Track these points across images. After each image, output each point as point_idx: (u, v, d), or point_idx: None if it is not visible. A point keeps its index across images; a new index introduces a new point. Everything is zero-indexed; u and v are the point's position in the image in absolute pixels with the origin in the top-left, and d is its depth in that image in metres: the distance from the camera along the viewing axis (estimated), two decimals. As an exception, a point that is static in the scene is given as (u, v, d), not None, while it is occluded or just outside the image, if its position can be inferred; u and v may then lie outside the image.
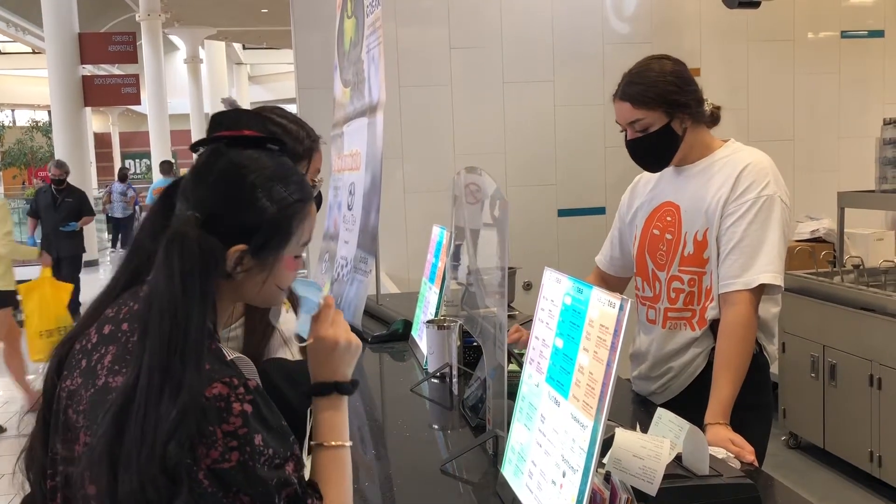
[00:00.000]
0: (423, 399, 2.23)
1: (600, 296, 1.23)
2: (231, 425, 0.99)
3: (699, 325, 1.98)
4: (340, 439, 1.19)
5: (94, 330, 1.13)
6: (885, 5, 5.41)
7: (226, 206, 1.08)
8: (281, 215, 1.11)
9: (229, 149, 1.11)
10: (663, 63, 1.99)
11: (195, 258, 1.04)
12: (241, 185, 1.09)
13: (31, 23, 17.83)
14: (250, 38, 23.45)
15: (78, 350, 1.13)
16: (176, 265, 1.03)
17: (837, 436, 3.96)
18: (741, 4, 4.50)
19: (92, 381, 1.07)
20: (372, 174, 3.14)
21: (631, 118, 1.97)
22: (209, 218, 1.07)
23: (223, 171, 1.10)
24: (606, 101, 2.10)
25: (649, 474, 1.25)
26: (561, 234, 5.01)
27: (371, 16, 3.27)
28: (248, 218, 1.09)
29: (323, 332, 1.20)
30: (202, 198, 1.08)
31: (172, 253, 1.04)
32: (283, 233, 1.12)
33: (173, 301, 1.02)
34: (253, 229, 1.09)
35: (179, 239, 1.05)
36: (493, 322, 1.72)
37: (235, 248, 1.08)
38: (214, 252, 1.06)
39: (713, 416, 1.79)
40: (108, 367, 1.07)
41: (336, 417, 1.20)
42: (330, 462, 1.17)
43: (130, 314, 1.11)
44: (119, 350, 1.08)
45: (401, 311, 3.01)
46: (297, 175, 1.15)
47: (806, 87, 5.31)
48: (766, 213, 1.89)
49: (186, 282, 1.03)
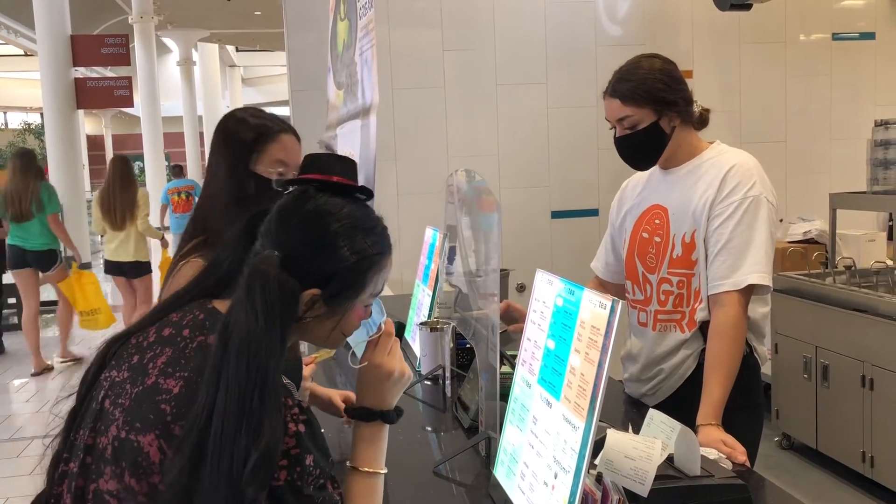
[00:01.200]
0: (415, 401, 2.23)
1: (591, 297, 1.24)
2: (285, 445, 1.01)
3: (689, 326, 1.99)
4: (377, 467, 1.20)
5: (154, 329, 1.13)
6: (877, 8, 5.43)
7: (306, 250, 1.09)
8: (358, 266, 1.12)
9: (318, 193, 1.12)
10: (653, 61, 2.01)
11: (276, 298, 1.04)
12: (324, 231, 1.10)
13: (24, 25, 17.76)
14: (243, 40, 23.43)
15: (133, 345, 1.13)
16: (259, 303, 1.03)
17: (830, 436, 3.97)
18: (733, 6, 4.53)
19: (141, 379, 1.07)
20: (365, 176, 3.14)
21: (620, 115, 1.98)
22: (287, 258, 1.07)
23: (308, 215, 1.10)
24: (599, 102, 2.11)
25: (641, 475, 1.26)
26: (554, 235, 5.02)
27: (364, 18, 3.27)
28: (327, 265, 1.10)
29: (380, 360, 1.20)
30: (283, 238, 1.09)
31: (255, 290, 1.04)
32: (358, 283, 1.13)
33: (255, 340, 1.01)
34: (329, 276, 1.10)
35: (262, 276, 1.05)
36: (485, 324, 1.72)
37: (310, 292, 1.08)
38: (294, 293, 1.06)
39: (705, 417, 1.80)
40: (160, 367, 1.07)
41: (376, 444, 1.21)
42: (365, 489, 1.18)
43: (194, 322, 1.11)
44: (175, 353, 1.07)
45: (394, 313, 3.00)
46: (381, 227, 1.17)
47: (798, 89, 5.33)
48: (752, 213, 1.90)
49: (268, 321, 1.03)
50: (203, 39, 22.33)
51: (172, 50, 25.13)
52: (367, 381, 1.21)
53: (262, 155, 1.67)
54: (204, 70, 24.56)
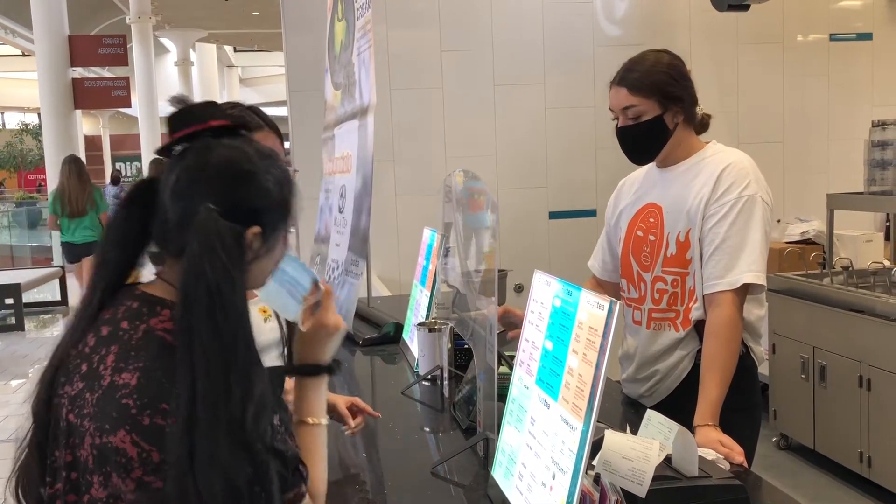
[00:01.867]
0: (414, 401, 2.23)
1: (589, 298, 1.24)
2: None
3: (683, 325, 1.99)
4: (322, 417, 1.25)
5: (91, 334, 1.12)
6: (874, 8, 5.44)
7: (235, 195, 1.09)
8: (282, 193, 1.14)
9: (214, 141, 1.12)
10: (662, 55, 2.02)
11: (232, 247, 1.05)
12: (243, 172, 1.10)
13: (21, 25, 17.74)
14: (241, 40, 23.43)
15: (75, 356, 1.12)
16: (223, 256, 1.03)
17: (827, 437, 3.98)
18: (731, 7, 4.53)
19: (97, 383, 1.06)
20: (363, 177, 3.14)
21: (625, 104, 1.99)
22: (223, 209, 1.07)
23: (221, 163, 1.10)
24: (598, 103, 2.11)
25: (639, 476, 1.26)
26: (552, 236, 5.02)
27: (362, 18, 3.27)
28: (258, 201, 1.11)
29: (328, 320, 1.25)
30: (206, 192, 1.08)
31: (215, 245, 1.04)
32: (286, 209, 1.16)
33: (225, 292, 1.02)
34: (262, 211, 1.11)
35: (214, 230, 1.05)
36: (483, 324, 1.72)
37: (252, 231, 1.09)
38: (242, 238, 1.08)
39: (702, 417, 1.80)
40: (112, 366, 1.06)
41: (320, 396, 1.26)
42: (314, 438, 1.23)
43: (129, 312, 1.11)
44: (122, 348, 1.07)
45: (392, 314, 3.01)
46: (277, 155, 1.18)
47: (795, 90, 5.34)
48: (747, 213, 1.90)
49: (233, 271, 1.04)
50: (201, 40, 22.32)
51: (170, 50, 25.10)
52: (313, 339, 1.26)
53: None
54: (202, 70, 24.55)
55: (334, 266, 3.38)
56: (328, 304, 1.25)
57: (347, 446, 1.97)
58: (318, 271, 3.68)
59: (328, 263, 3.51)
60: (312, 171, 4.40)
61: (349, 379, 2.64)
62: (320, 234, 3.87)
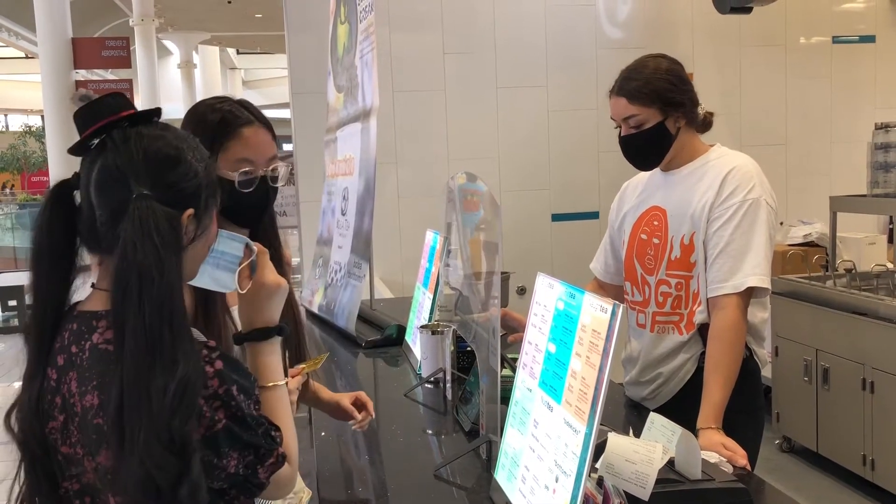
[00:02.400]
0: (416, 404, 2.23)
1: (592, 301, 1.24)
2: (209, 389, 1.04)
3: (687, 329, 1.99)
4: (280, 378, 1.25)
5: (51, 369, 1.13)
6: (876, 11, 5.44)
7: (169, 178, 1.09)
8: (208, 172, 1.15)
9: (132, 130, 1.11)
10: (660, 61, 2.01)
11: (166, 231, 1.05)
12: (171, 155, 1.11)
13: (24, 27, 17.78)
14: (244, 42, 23.47)
15: (47, 391, 1.13)
16: (156, 241, 1.03)
17: (830, 439, 3.97)
18: (733, 9, 4.52)
19: (72, 412, 1.08)
20: (366, 179, 3.14)
21: (626, 114, 1.99)
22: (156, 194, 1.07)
23: (151, 148, 1.10)
24: (600, 105, 2.12)
25: (642, 479, 1.26)
26: (555, 238, 5.02)
27: (364, 21, 3.27)
28: (187, 183, 1.11)
29: (267, 279, 1.25)
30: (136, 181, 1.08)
31: (150, 230, 1.04)
32: (212, 189, 1.16)
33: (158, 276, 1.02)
34: (195, 193, 1.12)
35: (148, 216, 1.05)
36: (487, 327, 1.72)
37: (186, 214, 1.10)
38: (179, 221, 1.08)
39: (705, 420, 1.80)
40: (76, 392, 1.08)
41: (276, 359, 1.26)
42: (277, 400, 1.23)
43: (73, 335, 1.11)
44: (79, 373, 1.08)
45: (395, 316, 3.01)
46: (194, 137, 1.18)
47: (798, 92, 5.33)
48: (751, 216, 1.90)
49: (169, 255, 1.04)
50: (204, 42, 22.36)
51: (173, 52, 25.15)
52: (256, 301, 1.25)
53: (225, 155, 1.49)
54: (204, 72, 24.59)
55: (337, 268, 3.38)
56: (263, 262, 1.25)
57: (350, 449, 1.97)
58: (321, 274, 3.68)
59: (330, 266, 3.51)
60: (315, 173, 4.40)
61: (352, 381, 2.64)
62: (323, 237, 3.87)
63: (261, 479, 1.11)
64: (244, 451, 1.08)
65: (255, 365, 1.24)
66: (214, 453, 1.05)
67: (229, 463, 1.07)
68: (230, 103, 1.56)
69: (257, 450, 1.09)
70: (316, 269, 3.85)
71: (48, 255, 1.14)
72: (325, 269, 3.60)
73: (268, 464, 1.11)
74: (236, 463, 1.07)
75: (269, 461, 1.11)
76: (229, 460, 1.06)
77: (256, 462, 1.10)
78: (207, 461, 1.04)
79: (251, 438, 1.08)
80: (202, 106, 1.57)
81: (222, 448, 1.05)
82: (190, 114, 1.57)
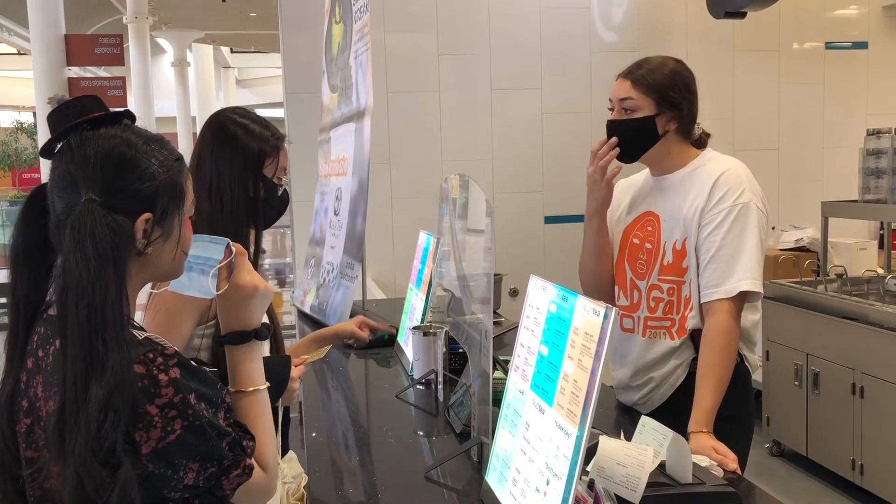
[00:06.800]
0: (408, 405, 2.22)
1: (585, 304, 1.24)
2: (164, 398, 1.01)
3: (678, 334, 1.99)
4: (261, 383, 1.23)
5: (22, 372, 1.12)
6: (869, 17, 5.46)
7: (120, 182, 1.08)
8: (170, 176, 1.13)
9: (92, 132, 1.10)
10: (671, 61, 2.05)
11: (106, 238, 1.04)
12: (126, 159, 1.09)
13: (17, 23, 17.70)
14: (238, 41, 23.40)
15: (17, 393, 1.13)
16: (89, 249, 1.02)
17: (820, 444, 3.98)
18: (727, 14, 4.54)
19: (38, 416, 1.08)
20: (359, 179, 3.14)
21: (624, 95, 2.00)
22: (105, 200, 1.07)
23: (104, 151, 1.09)
24: (594, 108, 2.12)
25: (632, 482, 1.26)
26: (548, 240, 5.03)
27: (359, 21, 3.27)
28: (144, 187, 1.10)
29: (242, 280, 1.23)
30: (87, 185, 1.07)
31: (84, 238, 1.03)
32: (177, 192, 1.15)
33: (89, 285, 1.01)
34: (151, 197, 1.10)
35: (87, 222, 1.04)
36: (478, 329, 1.72)
37: (142, 218, 1.09)
38: (123, 228, 1.07)
39: (696, 424, 1.80)
40: (42, 396, 1.07)
41: (255, 362, 1.24)
42: (255, 406, 1.21)
43: (40, 339, 1.11)
44: (44, 377, 1.08)
45: (387, 317, 3.01)
46: (164, 139, 1.17)
47: (791, 98, 5.35)
48: (742, 220, 1.91)
49: (100, 264, 1.03)
50: (198, 40, 22.29)
51: (167, 50, 25.06)
52: (232, 303, 1.23)
53: (273, 163, 1.80)
54: (198, 71, 24.50)
55: (329, 269, 3.37)
56: (241, 264, 1.23)
57: (341, 449, 1.96)
58: (313, 274, 3.67)
59: (323, 266, 3.50)
60: (308, 173, 4.40)
61: (343, 382, 2.63)
62: (315, 237, 3.86)
63: (225, 492, 1.09)
64: (205, 463, 1.06)
65: (232, 367, 1.22)
66: (168, 465, 1.02)
67: (186, 475, 1.04)
68: (265, 120, 1.83)
69: (220, 461, 1.07)
70: (308, 269, 3.84)
71: (22, 255, 1.14)
72: (318, 269, 3.60)
73: (233, 475, 1.09)
74: (195, 475, 1.05)
75: (234, 472, 1.09)
76: (186, 472, 1.04)
77: (221, 474, 1.08)
78: (160, 473, 1.02)
79: (211, 450, 1.06)
80: (242, 117, 1.81)
81: (176, 459, 1.03)
82: (228, 119, 1.80)
